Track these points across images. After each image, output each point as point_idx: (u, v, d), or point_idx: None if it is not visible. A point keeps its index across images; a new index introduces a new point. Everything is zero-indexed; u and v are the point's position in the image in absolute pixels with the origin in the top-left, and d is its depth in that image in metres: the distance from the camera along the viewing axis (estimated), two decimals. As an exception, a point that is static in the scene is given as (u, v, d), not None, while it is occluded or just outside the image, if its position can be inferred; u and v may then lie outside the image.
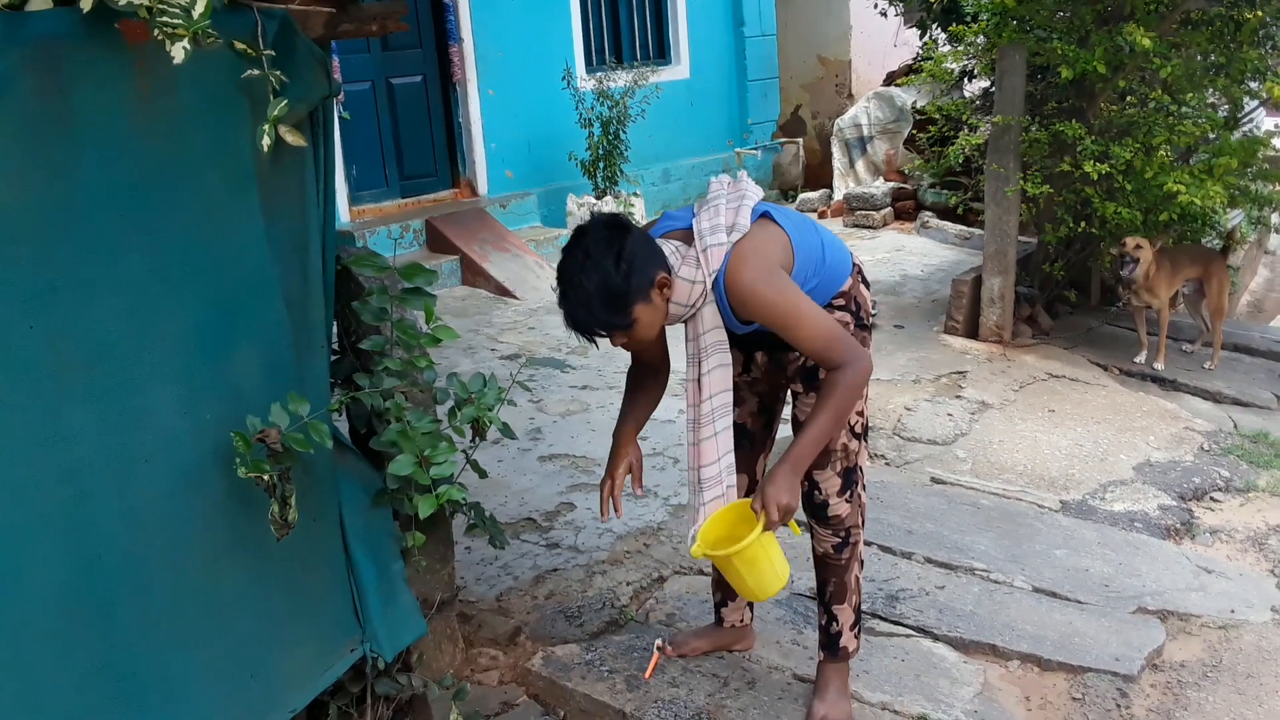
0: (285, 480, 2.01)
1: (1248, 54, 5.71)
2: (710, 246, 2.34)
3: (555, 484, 4.27)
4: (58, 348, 1.79)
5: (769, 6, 11.05)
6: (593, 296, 2.24)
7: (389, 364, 2.41)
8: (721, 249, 2.33)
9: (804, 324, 2.31)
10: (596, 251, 2.24)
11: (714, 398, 2.46)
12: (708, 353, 2.43)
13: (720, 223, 2.36)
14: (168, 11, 1.67)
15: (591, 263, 2.23)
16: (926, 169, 8.48)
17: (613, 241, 2.25)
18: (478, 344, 6.20)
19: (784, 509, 2.34)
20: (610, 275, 2.23)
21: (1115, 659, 3.10)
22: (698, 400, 2.47)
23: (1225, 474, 4.61)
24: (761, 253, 2.35)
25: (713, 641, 2.96)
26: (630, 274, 2.24)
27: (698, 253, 2.34)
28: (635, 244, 2.27)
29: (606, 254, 2.23)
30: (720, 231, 2.35)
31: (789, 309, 2.31)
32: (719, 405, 2.47)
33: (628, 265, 2.24)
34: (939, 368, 5.78)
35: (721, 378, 2.46)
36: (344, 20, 2.24)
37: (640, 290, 2.27)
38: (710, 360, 2.44)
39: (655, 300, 2.31)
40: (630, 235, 2.27)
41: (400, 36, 7.77)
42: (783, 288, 2.32)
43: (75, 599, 1.87)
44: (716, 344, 2.43)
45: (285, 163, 2.12)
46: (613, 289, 2.23)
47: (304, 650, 2.33)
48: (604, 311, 2.26)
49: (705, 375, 2.45)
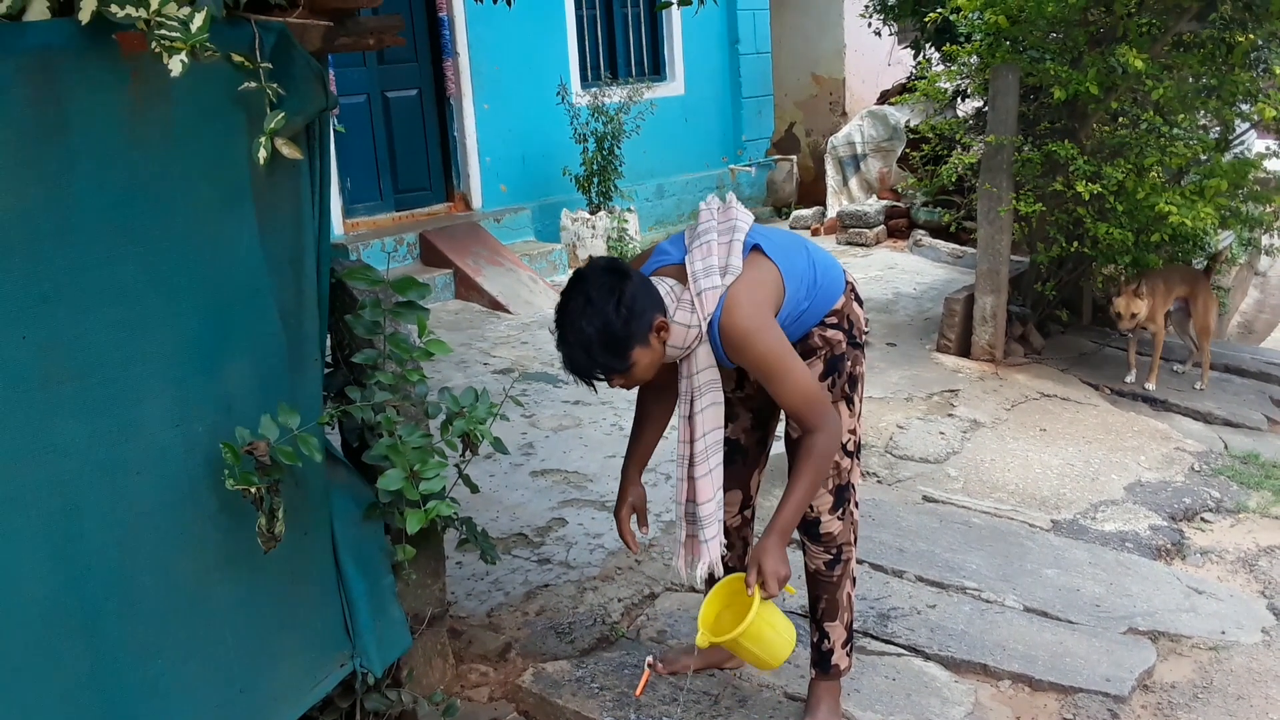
0: (274, 493, 2.00)
1: (1239, 76, 5.75)
2: (705, 290, 2.35)
3: (547, 499, 4.26)
4: (49, 358, 1.78)
5: (764, 24, 11.11)
6: (593, 341, 2.25)
7: (381, 377, 2.41)
8: (716, 292, 2.35)
9: (789, 381, 2.36)
10: (597, 296, 2.25)
11: (707, 435, 2.49)
12: (700, 391, 2.46)
13: (713, 263, 2.38)
14: (166, 25, 1.67)
15: (592, 308, 2.25)
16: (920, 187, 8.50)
17: (613, 287, 2.26)
18: (470, 358, 6.19)
19: (781, 580, 2.42)
20: (611, 320, 2.24)
21: (1106, 679, 3.10)
22: (690, 438, 2.50)
23: (1216, 495, 4.61)
24: (755, 298, 2.37)
25: (704, 659, 2.94)
26: (630, 319, 2.26)
27: (692, 296, 2.36)
28: (635, 289, 2.28)
29: (607, 299, 2.24)
30: (714, 274, 2.37)
31: (777, 364, 2.36)
32: (712, 443, 2.50)
33: (628, 311, 2.25)
34: (931, 386, 5.78)
35: (714, 416, 2.49)
36: (341, 34, 2.25)
37: (639, 335, 2.28)
38: (703, 399, 2.46)
39: (653, 344, 2.32)
40: (630, 280, 2.28)
41: (396, 50, 7.78)
42: (774, 341, 2.36)
43: (64, 611, 1.86)
44: (709, 383, 2.46)
45: (281, 175, 2.12)
46: (613, 334, 2.25)
47: (293, 664, 2.32)
48: (604, 355, 2.28)
49: (698, 414, 2.47)
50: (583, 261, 8.54)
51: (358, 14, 2.32)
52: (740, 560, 2.86)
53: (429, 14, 8.27)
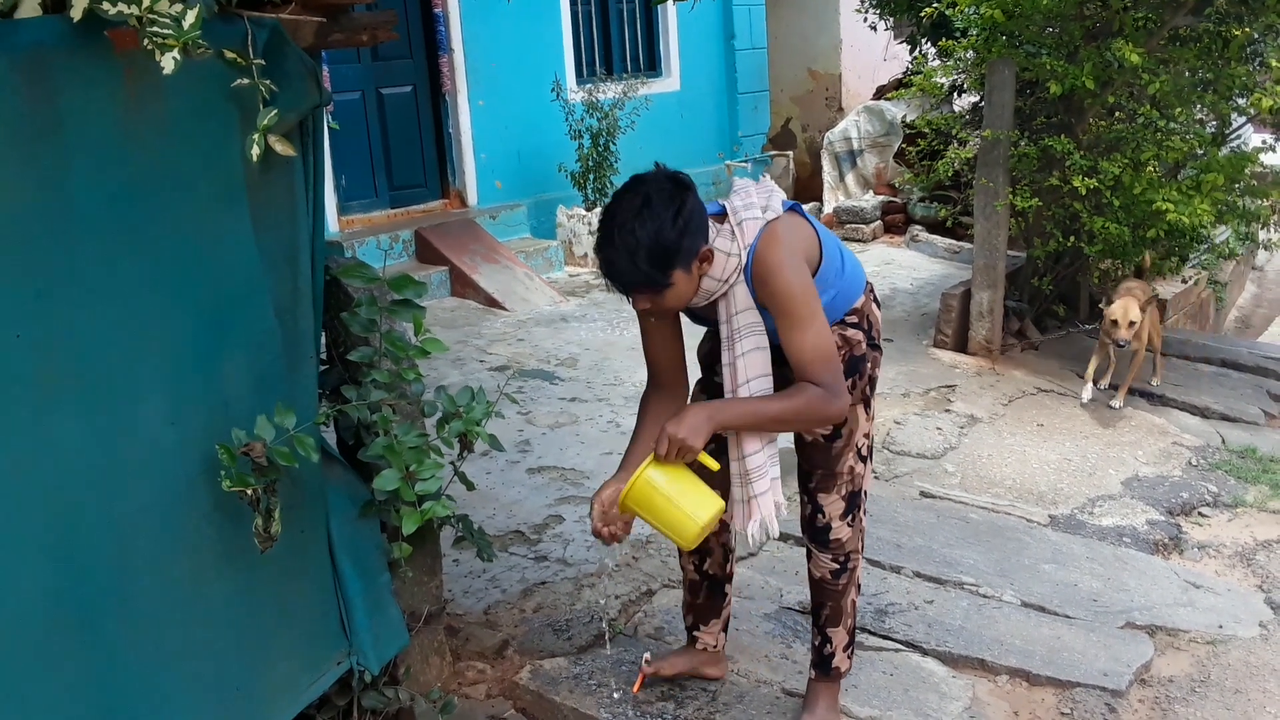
0: (270, 493, 1.99)
1: (1235, 70, 5.75)
2: (745, 220, 2.29)
3: (544, 496, 4.25)
4: (44, 357, 1.78)
5: (759, 19, 11.09)
6: (640, 246, 2.15)
7: (377, 376, 2.40)
8: (756, 223, 2.28)
9: (809, 330, 2.26)
10: (658, 202, 2.16)
11: (751, 382, 2.36)
12: (741, 334, 2.35)
13: (754, 202, 2.33)
14: (158, 22, 1.66)
15: (650, 212, 2.15)
16: (916, 183, 8.51)
17: (675, 196, 2.18)
18: (467, 355, 6.18)
19: (676, 443, 2.23)
20: (666, 229, 2.14)
21: (1103, 674, 3.10)
22: (734, 386, 2.37)
23: (1213, 489, 4.62)
24: (794, 236, 2.31)
25: (687, 662, 2.90)
26: (684, 234, 2.16)
27: (733, 225, 2.29)
28: (695, 205, 2.20)
29: (667, 207, 2.15)
30: (755, 208, 2.31)
31: (803, 306, 2.26)
32: (757, 391, 2.36)
33: (684, 223, 2.16)
34: (928, 381, 5.78)
35: (759, 361, 2.36)
36: (334, 30, 2.24)
37: (689, 254, 2.19)
38: (745, 342, 2.35)
39: (694, 271, 2.24)
40: (691, 193, 2.20)
41: (390, 46, 7.76)
42: (805, 282, 2.28)
43: (61, 611, 1.85)
44: (751, 325, 2.35)
45: (275, 172, 2.11)
46: (665, 244, 2.15)
47: (290, 663, 2.31)
48: (648, 264, 2.16)
49: (740, 358, 2.36)
50: (579, 258, 8.58)
51: (351, 10, 2.31)
52: (721, 568, 2.80)
53: (424, 10, 8.25)
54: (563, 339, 6.57)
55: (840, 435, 2.51)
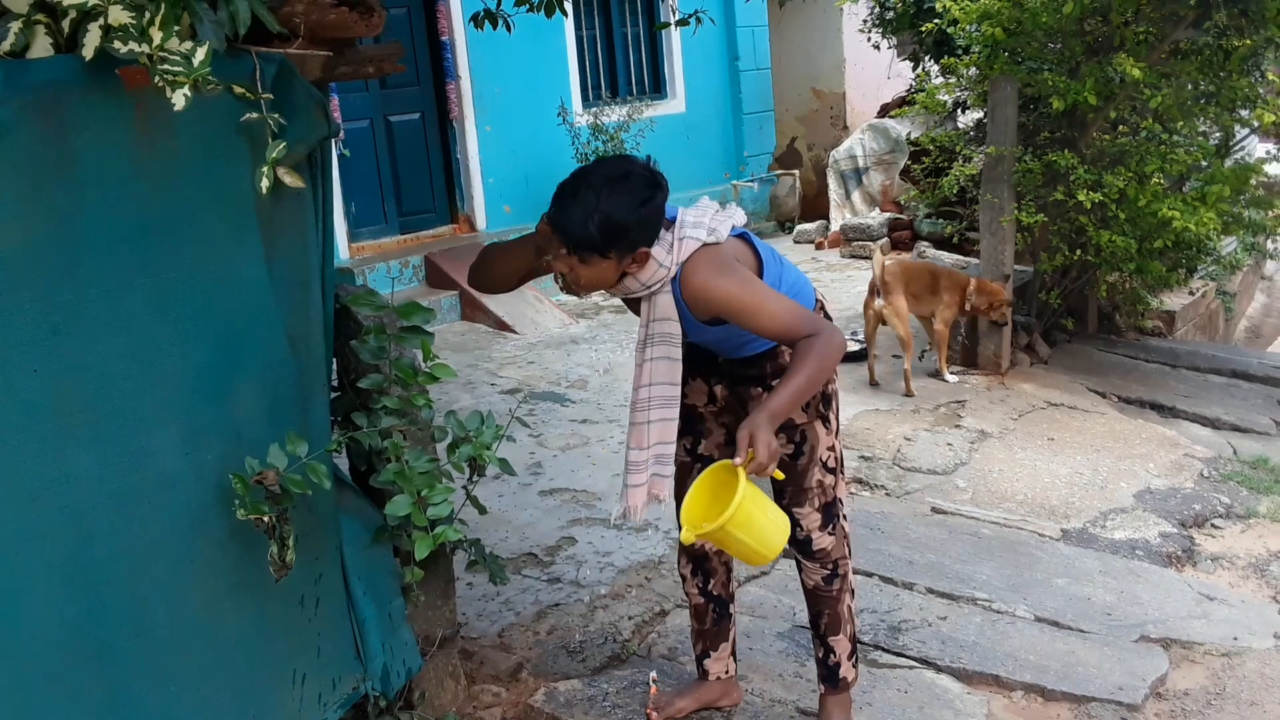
0: (284, 521, 2.02)
1: (1237, 82, 5.77)
2: (687, 238, 2.33)
3: (556, 518, 4.27)
4: (60, 390, 1.80)
5: (763, 40, 11.15)
6: (598, 211, 2.17)
7: (387, 402, 2.42)
8: (695, 244, 2.33)
9: (766, 310, 2.29)
10: (635, 184, 2.21)
11: (654, 386, 2.43)
12: (654, 341, 2.40)
13: (704, 222, 2.37)
14: (169, 59, 1.70)
15: (626, 187, 2.20)
16: (922, 199, 8.53)
17: (651, 188, 2.23)
18: (477, 379, 6.21)
19: (775, 452, 2.21)
20: (628, 211, 2.19)
21: (1119, 688, 3.09)
22: (638, 384, 2.46)
23: (1225, 500, 4.61)
24: (727, 256, 2.35)
25: (698, 699, 2.88)
26: (639, 224, 2.22)
27: (674, 239, 2.33)
28: (659, 205, 2.25)
29: (639, 193, 2.20)
30: (701, 229, 2.35)
31: (749, 297, 2.30)
32: (658, 396, 2.44)
33: (644, 215, 2.22)
34: (937, 397, 5.78)
35: (665, 370, 2.42)
36: (341, 63, 2.27)
37: (631, 244, 2.24)
38: (655, 349, 2.41)
39: (624, 265, 2.28)
40: (662, 194, 2.25)
41: (399, 75, 7.78)
42: (738, 279, 2.32)
43: (77, 640, 1.87)
44: (664, 335, 2.40)
45: (286, 203, 2.14)
46: (620, 222, 2.19)
47: (305, 689, 2.33)
48: (596, 231, 2.19)
49: (648, 361, 2.42)
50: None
51: (357, 43, 2.35)
52: (725, 588, 2.81)
53: (430, 38, 8.33)
54: (573, 361, 6.59)
55: (803, 453, 2.58)
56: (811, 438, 2.58)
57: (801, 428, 2.56)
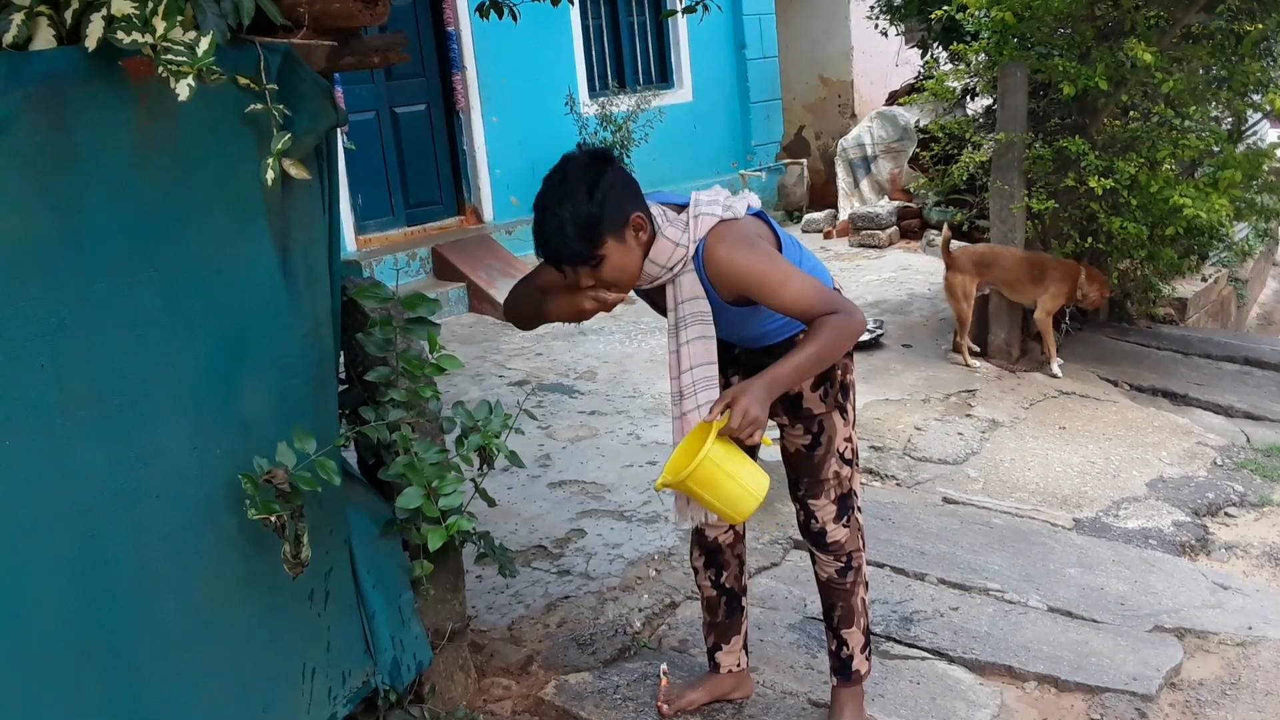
0: (297, 519, 2.00)
1: (1249, 67, 5.72)
2: (703, 214, 2.31)
3: (565, 510, 4.25)
4: (67, 385, 1.79)
5: (770, 29, 11.10)
6: (566, 222, 2.17)
7: (395, 395, 2.41)
8: (711, 220, 2.30)
9: (790, 283, 2.26)
10: (573, 179, 2.19)
11: (695, 369, 2.38)
12: (686, 323, 2.36)
13: (719, 199, 2.35)
14: (172, 50, 1.68)
15: (567, 187, 2.19)
16: (931, 187, 8.46)
17: (590, 169, 2.20)
18: (485, 371, 6.20)
19: (750, 419, 2.17)
20: (582, 203, 2.17)
21: (1133, 678, 3.07)
22: (678, 373, 2.40)
23: (1239, 489, 4.57)
24: (748, 230, 2.33)
25: (709, 691, 2.88)
26: (604, 204, 2.18)
27: (689, 218, 2.31)
28: (614, 177, 2.22)
29: (581, 182, 2.18)
30: (717, 205, 2.33)
31: (770, 269, 2.27)
32: (700, 378, 2.38)
33: (603, 195, 2.18)
34: (948, 386, 5.76)
35: (703, 349, 2.38)
36: (345, 53, 2.25)
37: (613, 224, 2.20)
38: (690, 330, 2.37)
39: (629, 241, 2.24)
40: (610, 168, 2.22)
41: (404, 66, 7.80)
42: (763, 253, 2.29)
43: (85, 636, 1.87)
44: (696, 314, 2.36)
45: (292, 194, 2.13)
46: (586, 216, 2.17)
47: (315, 684, 2.32)
48: (576, 239, 2.18)
49: (684, 345, 2.37)
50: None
51: (362, 33, 2.33)
52: (738, 580, 2.80)
53: (436, 28, 8.31)
54: (581, 352, 6.58)
55: (820, 444, 2.56)
56: (829, 428, 2.56)
57: (819, 418, 2.54)
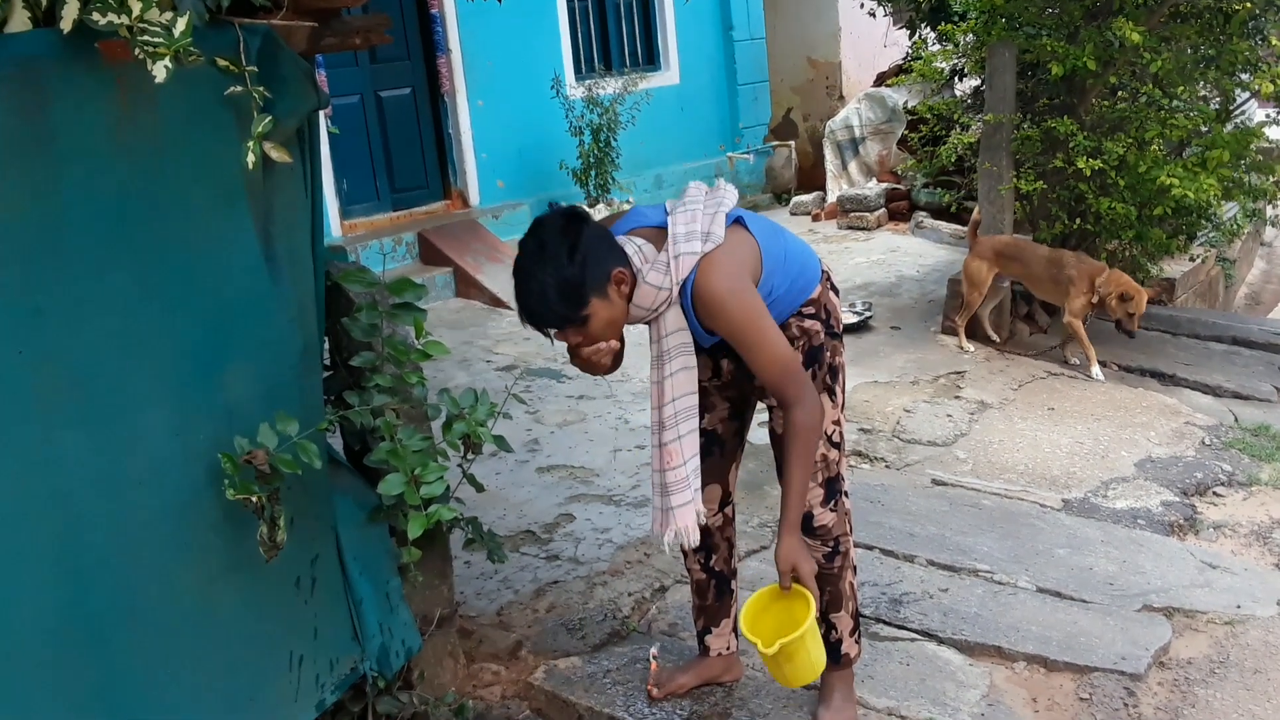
0: (274, 501, 1.98)
1: (1238, 46, 5.70)
2: (683, 254, 2.30)
3: (554, 495, 4.24)
4: (46, 371, 1.77)
5: (757, 10, 11.04)
6: (547, 287, 2.20)
7: (380, 380, 2.39)
8: (693, 258, 2.30)
9: (765, 348, 2.32)
10: (551, 243, 2.20)
11: (677, 400, 2.42)
12: (670, 355, 2.40)
13: (696, 229, 2.33)
14: (149, 31, 1.65)
15: (546, 253, 2.20)
16: (919, 169, 8.46)
17: (568, 233, 2.21)
18: (473, 356, 6.18)
19: (809, 571, 2.44)
20: (564, 267, 2.19)
21: (1122, 658, 3.08)
22: (661, 403, 2.43)
23: (1227, 468, 4.59)
24: (735, 260, 2.33)
25: (698, 674, 2.88)
26: (585, 266, 2.20)
27: (669, 258, 2.30)
28: (591, 237, 2.23)
29: (561, 244, 2.20)
30: (695, 239, 2.31)
31: (753, 329, 2.31)
32: (683, 409, 2.43)
33: (583, 258, 2.20)
34: (937, 368, 5.76)
35: (685, 380, 2.42)
36: (327, 34, 2.23)
37: (596, 284, 2.22)
38: (673, 363, 2.40)
39: (613, 297, 2.27)
40: (586, 227, 2.24)
41: (388, 49, 7.74)
42: (750, 306, 2.31)
43: (68, 625, 1.85)
44: (680, 346, 2.40)
45: (274, 178, 2.11)
46: (568, 280, 2.19)
47: (303, 671, 2.31)
48: (559, 304, 2.21)
49: (668, 378, 2.41)
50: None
51: (343, 13, 2.30)
52: (727, 563, 2.81)
53: (420, 11, 8.23)
54: (569, 336, 6.55)
55: None
56: None
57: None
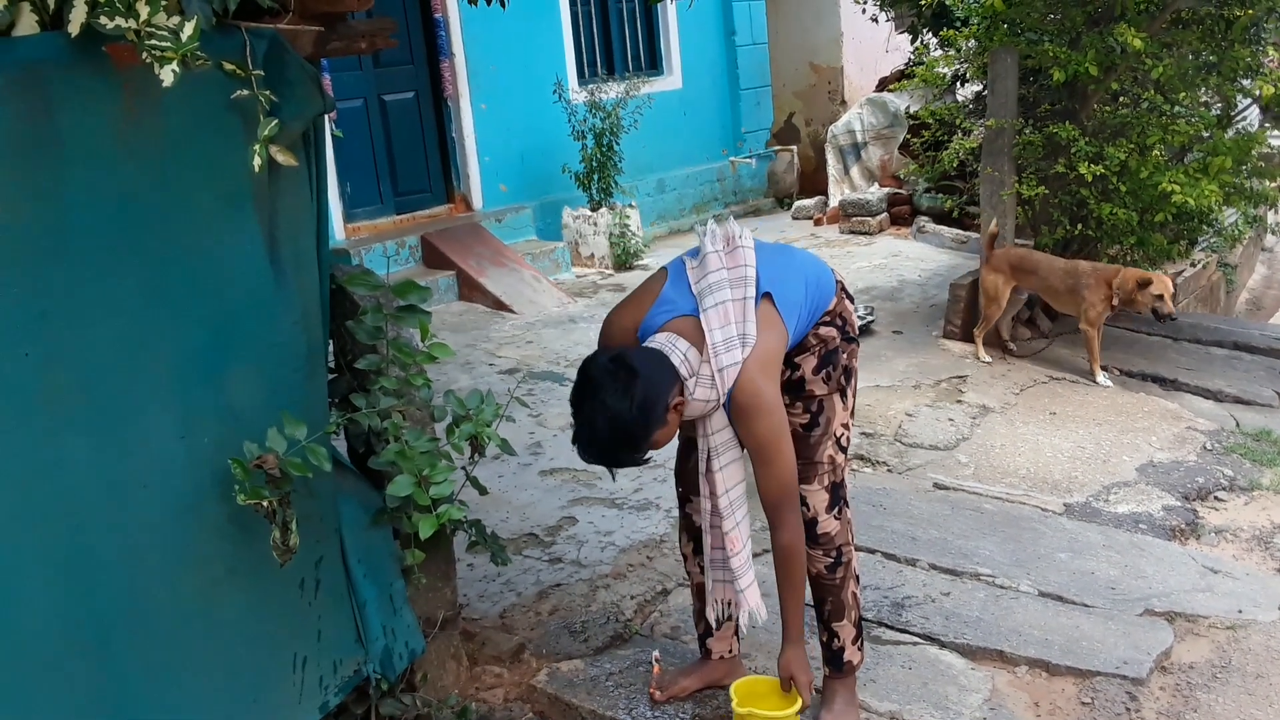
0: (285, 505, 1.99)
1: (1239, 52, 5.71)
2: (726, 368, 2.35)
3: (557, 498, 4.25)
4: (51, 374, 1.78)
5: (760, 15, 11.06)
6: (610, 441, 2.28)
7: (385, 383, 2.40)
8: (736, 369, 2.35)
9: (775, 467, 2.40)
10: (611, 400, 2.25)
11: (730, 490, 2.50)
12: (719, 450, 2.47)
13: (732, 334, 2.37)
14: (156, 35, 1.66)
15: (609, 411, 2.25)
16: (921, 174, 8.46)
17: (626, 388, 2.25)
18: (476, 359, 6.18)
19: (808, 680, 2.58)
20: (628, 423, 2.26)
21: (1123, 662, 3.08)
22: (715, 493, 2.51)
23: (1229, 473, 4.59)
24: (770, 360, 2.39)
25: (701, 678, 2.89)
26: (648, 417, 2.27)
27: (713, 371, 2.35)
28: (647, 384, 2.27)
29: (621, 401, 2.25)
30: (735, 347, 2.35)
31: (772, 449, 2.39)
32: (735, 498, 2.51)
33: (642, 410, 2.26)
34: (939, 373, 5.76)
35: (735, 471, 2.50)
36: (332, 38, 2.24)
37: (657, 424, 2.31)
38: (724, 456, 2.48)
39: (670, 421, 2.34)
40: (639, 378, 2.27)
41: (392, 53, 7.77)
42: (775, 427, 2.39)
43: (73, 628, 1.85)
44: (727, 443, 2.47)
45: (280, 182, 2.11)
46: (631, 434, 2.28)
47: (306, 673, 2.31)
48: (626, 451, 2.31)
49: (718, 471, 2.48)
50: (585, 259, 8.58)
51: (349, 18, 2.31)
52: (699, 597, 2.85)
53: (424, 15, 8.26)
54: (571, 340, 6.56)
55: (819, 424, 2.57)
56: (829, 410, 2.57)
57: (820, 399, 2.56)
